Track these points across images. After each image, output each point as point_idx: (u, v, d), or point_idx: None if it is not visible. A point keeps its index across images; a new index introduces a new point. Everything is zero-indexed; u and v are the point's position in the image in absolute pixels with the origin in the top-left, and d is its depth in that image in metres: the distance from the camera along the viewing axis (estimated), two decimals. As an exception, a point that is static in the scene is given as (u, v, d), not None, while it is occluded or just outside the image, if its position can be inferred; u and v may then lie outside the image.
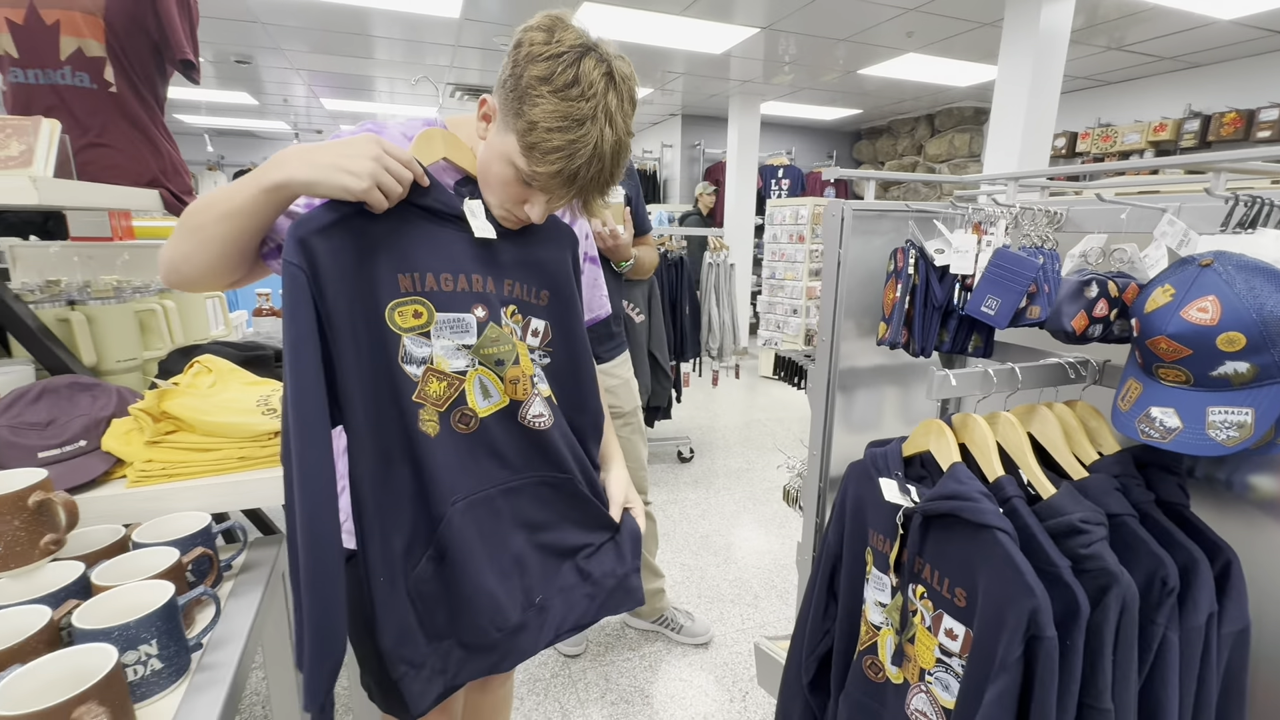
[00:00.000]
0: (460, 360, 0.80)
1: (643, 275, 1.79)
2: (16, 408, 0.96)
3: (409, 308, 0.77)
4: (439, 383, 0.79)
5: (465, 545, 0.81)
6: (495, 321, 0.82)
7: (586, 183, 0.74)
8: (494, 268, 0.83)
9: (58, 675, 0.61)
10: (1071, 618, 0.71)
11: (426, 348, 0.78)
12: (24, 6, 1.17)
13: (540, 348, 0.90)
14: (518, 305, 0.86)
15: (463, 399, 0.81)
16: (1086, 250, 0.85)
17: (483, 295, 0.82)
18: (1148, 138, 5.14)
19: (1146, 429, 0.74)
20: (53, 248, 1.54)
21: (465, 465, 0.81)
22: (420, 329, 0.78)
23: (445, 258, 0.79)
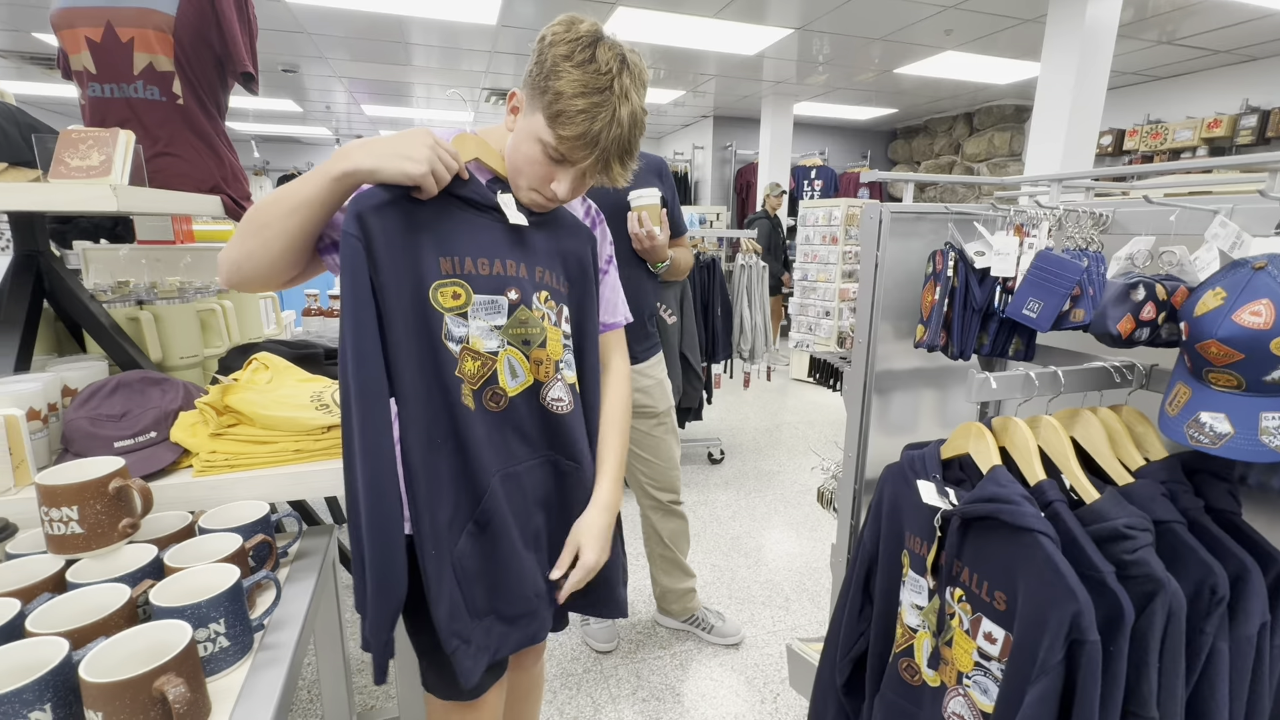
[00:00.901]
0: (492, 341, 0.86)
1: (678, 276, 1.80)
2: (94, 400, 1.02)
3: (449, 289, 0.83)
4: (474, 362, 0.85)
5: (503, 516, 0.87)
6: (526, 305, 0.89)
7: (608, 146, 0.81)
8: (526, 254, 0.89)
9: (138, 648, 0.66)
10: (1115, 624, 0.70)
11: (464, 328, 0.84)
12: (102, 25, 1.25)
13: (569, 334, 0.96)
14: (550, 292, 0.92)
15: (494, 378, 0.87)
16: (1133, 253, 0.84)
17: (516, 279, 0.88)
18: (1201, 134, 4.94)
19: (1196, 434, 0.73)
20: (122, 251, 1.64)
21: (495, 441, 0.88)
22: (459, 309, 0.84)
23: (482, 244, 0.85)
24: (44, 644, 0.63)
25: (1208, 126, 4.89)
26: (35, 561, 0.81)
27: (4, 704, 0.57)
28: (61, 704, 0.61)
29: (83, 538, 0.81)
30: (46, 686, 0.60)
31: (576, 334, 0.97)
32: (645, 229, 1.52)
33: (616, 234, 1.52)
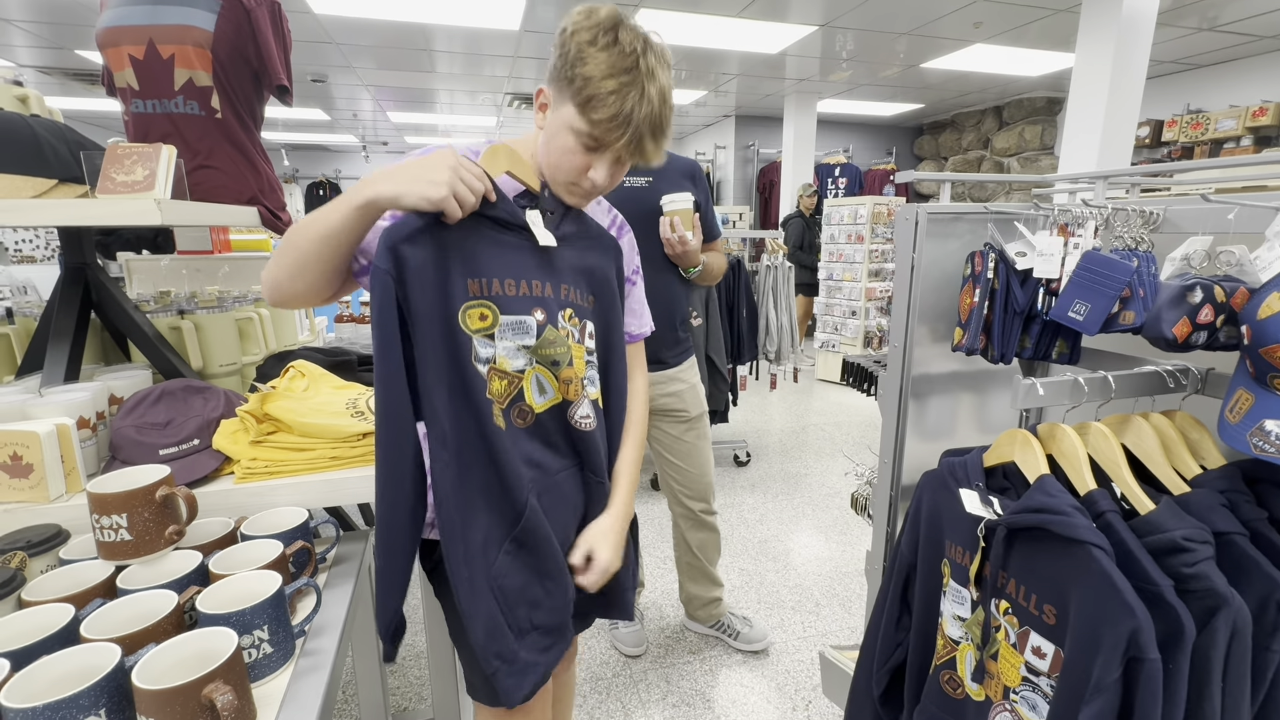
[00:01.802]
0: (520, 360, 0.86)
1: (711, 281, 1.77)
2: (140, 409, 1.05)
3: (476, 310, 0.83)
4: (500, 381, 0.85)
5: (544, 531, 0.88)
6: (553, 324, 0.88)
7: (640, 124, 0.81)
8: (552, 273, 0.89)
9: (186, 654, 0.68)
10: (1174, 640, 0.67)
11: (490, 348, 0.84)
12: (144, 43, 1.29)
13: (592, 350, 0.95)
14: (574, 309, 0.92)
15: (521, 395, 0.87)
16: (1189, 253, 0.80)
17: (541, 299, 0.87)
18: (1245, 123, 4.75)
19: (1260, 443, 0.69)
20: (163, 261, 1.68)
21: (527, 457, 0.88)
22: (486, 330, 0.83)
23: (509, 264, 0.85)
24: (98, 650, 0.65)
25: (1253, 115, 4.70)
26: (87, 567, 0.83)
27: (62, 709, 0.59)
28: (115, 709, 0.62)
29: (132, 544, 0.83)
30: (101, 692, 0.61)
31: (602, 349, 0.97)
32: (678, 234, 1.50)
33: (649, 238, 1.49)
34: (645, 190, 1.60)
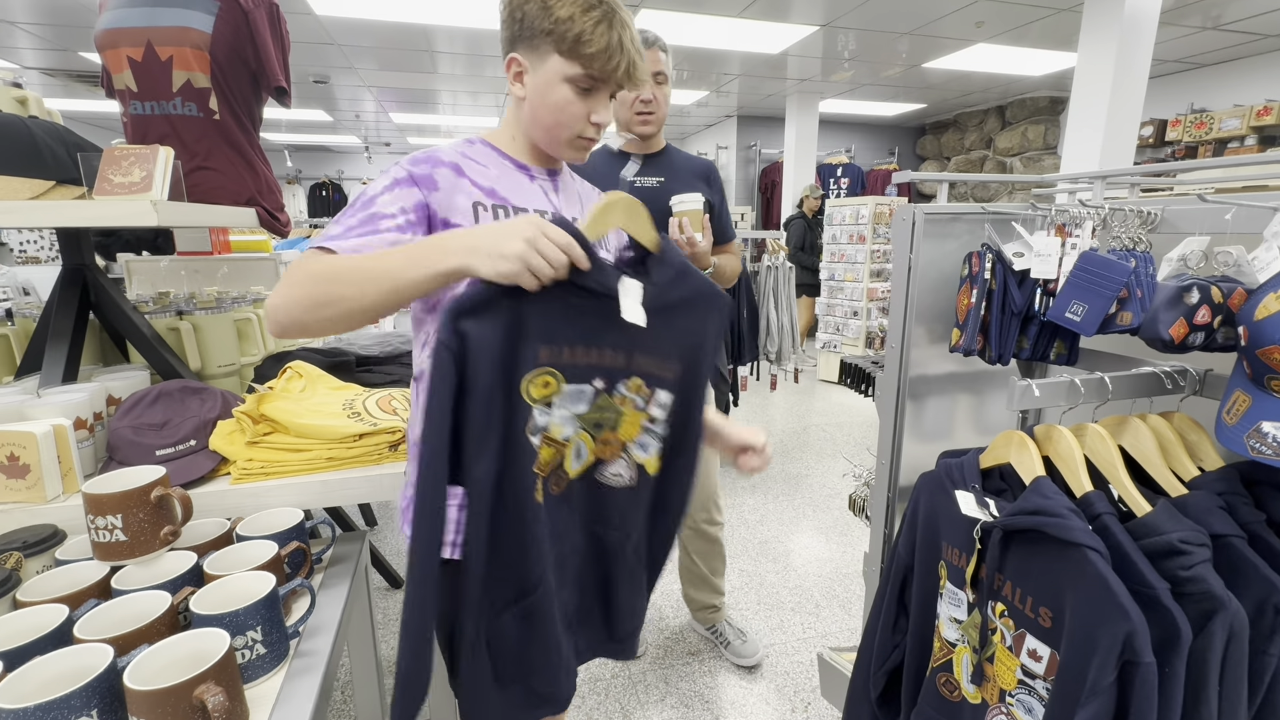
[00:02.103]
0: (569, 428, 0.81)
1: (723, 284, 1.72)
2: (137, 410, 1.06)
3: (541, 378, 0.77)
4: (549, 450, 0.80)
5: (549, 607, 0.82)
6: (608, 392, 0.82)
7: (630, 46, 0.82)
8: (631, 342, 0.81)
9: (179, 655, 0.68)
10: (1171, 644, 0.67)
11: (547, 417, 0.78)
12: (143, 45, 1.29)
13: (665, 420, 0.87)
14: (646, 379, 0.84)
15: (561, 464, 0.82)
16: (1186, 253, 0.80)
17: (608, 369, 0.81)
18: (1249, 122, 4.73)
19: (1257, 445, 0.69)
20: (163, 262, 1.69)
21: (554, 527, 0.82)
22: (546, 399, 0.78)
23: (586, 331, 0.78)
24: (91, 650, 0.65)
25: (1257, 114, 4.68)
26: (82, 568, 0.83)
27: (55, 710, 0.59)
28: (107, 709, 0.62)
29: (127, 545, 0.83)
30: (93, 693, 0.61)
31: (677, 418, 0.87)
32: (686, 235, 1.46)
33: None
34: (656, 190, 1.59)
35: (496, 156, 0.89)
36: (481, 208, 0.83)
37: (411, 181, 0.80)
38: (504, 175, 0.88)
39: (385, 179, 0.80)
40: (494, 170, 0.87)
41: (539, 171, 0.93)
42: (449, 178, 0.82)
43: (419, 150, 0.84)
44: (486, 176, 0.85)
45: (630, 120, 1.58)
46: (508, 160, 0.90)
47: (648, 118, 1.57)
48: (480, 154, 0.88)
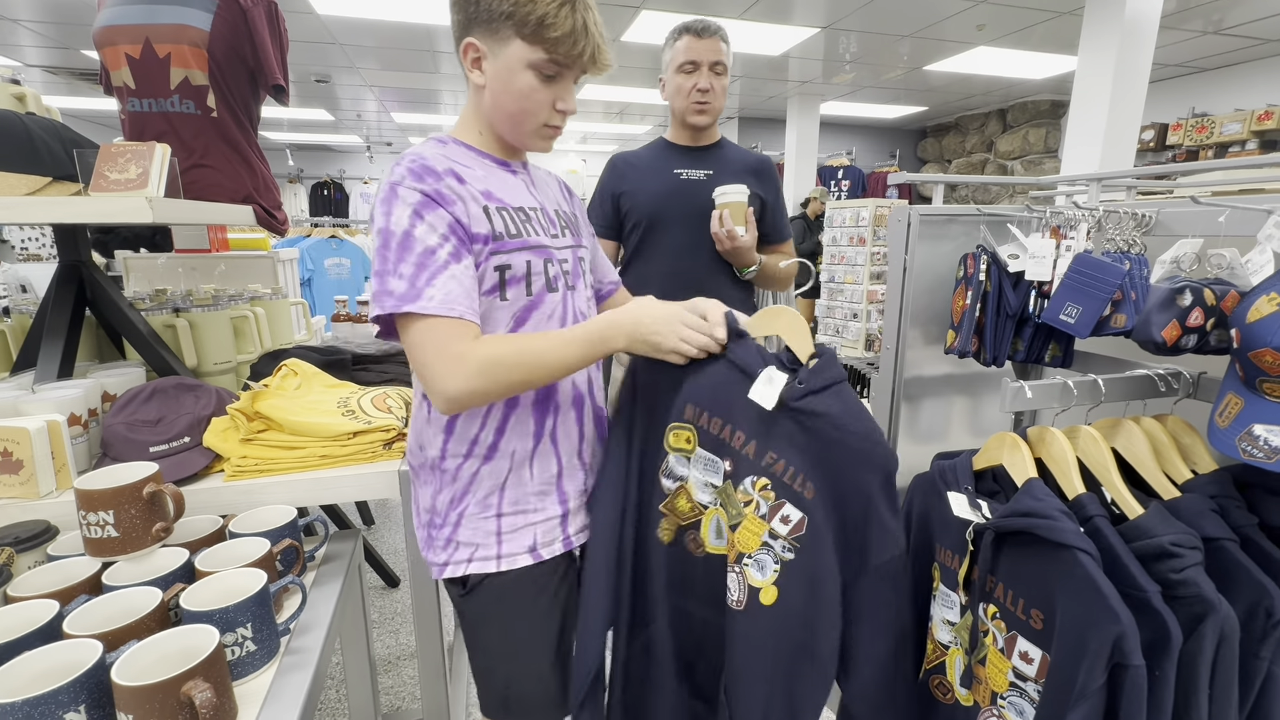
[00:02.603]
0: (706, 495, 0.88)
1: (775, 286, 1.62)
2: (131, 406, 1.06)
3: (683, 433, 0.88)
4: (687, 503, 0.89)
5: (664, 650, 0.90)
6: (734, 481, 0.83)
7: (594, 28, 0.79)
8: (763, 434, 0.82)
9: (168, 651, 0.68)
10: (1161, 647, 0.66)
11: (685, 469, 0.88)
12: (140, 42, 1.30)
13: (787, 539, 0.80)
14: (774, 484, 0.81)
15: (698, 526, 0.89)
16: (1179, 256, 0.80)
17: (737, 453, 0.84)
18: (1250, 127, 4.73)
19: (1249, 448, 0.69)
20: (160, 259, 1.69)
21: (684, 582, 0.90)
22: (685, 452, 0.88)
23: (726, 404, 0.84)
24: (80, 646, 0.65)
25: (1258, 119, 4.68)
26: (74, 564, 0.83)
27: (41, 705, 0.59)
28: (95, 705, 0.62)
29: (118, 541, 0.83)
30: (81, 688, 0.61)
31: (814, 553, 0.79)
32: (725, 228, 1.39)
33: (702, 235, 1.44)
34: (703, 183, 1.50)
35: (474, 155, 0.86)
36: (490, 211, 0.82)
37: (433, 201, 0.77)
38: (490, 174, 0.86)
39: (402, 208, 0.76)
40: (479, 170, 0.85)
41: (516, 165, 0.91)
42: (456, 186, 0.79)
43: (408, 160, 0.79)
44: (477, 178, 0.83)
45: (686, 110, 1.51)
46: (486, 158, 0.87)
47: (703, 108, 1.49)
48: (459, 155, 0.85)
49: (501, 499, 0.87)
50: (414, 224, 0.75)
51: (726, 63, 1.51)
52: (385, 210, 0.76)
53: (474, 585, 0.87)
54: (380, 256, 0.76)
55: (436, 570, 0.89)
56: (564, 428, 0.90)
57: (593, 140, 9.60)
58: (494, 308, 0.82)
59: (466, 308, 0.76)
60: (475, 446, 0.86)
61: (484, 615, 0.89)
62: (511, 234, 0.83)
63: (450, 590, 0.91)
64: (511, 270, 0.82)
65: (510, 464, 0.87)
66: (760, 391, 0.81)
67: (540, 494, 0.89)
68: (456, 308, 0.75)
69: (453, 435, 0.86)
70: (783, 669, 0.81)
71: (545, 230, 0.88)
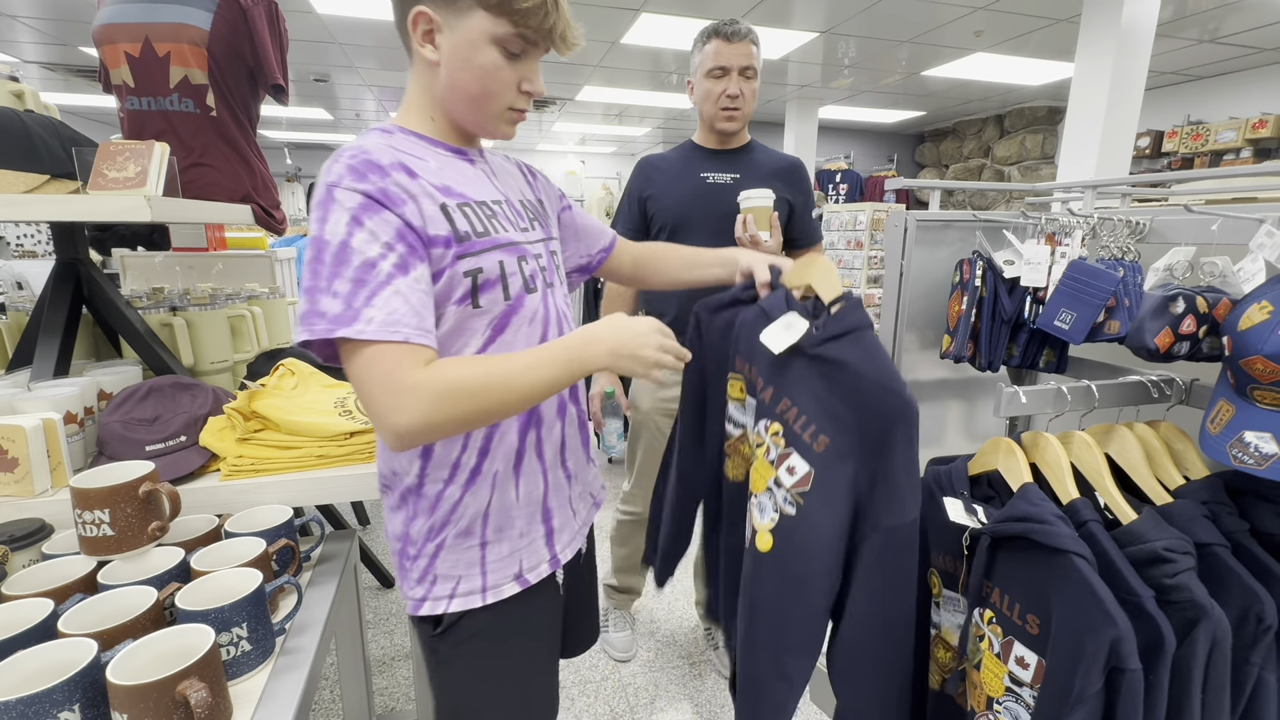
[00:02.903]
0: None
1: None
2: (128, 405, 1.05)
3: (736, 382, 0.93)
4: (749, 447, 0.92)
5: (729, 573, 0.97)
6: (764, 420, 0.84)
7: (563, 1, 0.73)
8: (780, 380, 0.81)
9: (163, 650, 0.68)
10: (1155, 651, 0.67)
11: (744, 416, 0.92)
12: (140, 41, 1.30)
13: (790, 491, 0.77)
14: (784, 429, 0.79)
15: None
16: (1172, 264, 0.80)
17: (758, 396, 0.86)
18: (1245, 135, 4.76)
19: (1240, 454, 0.69)
20: (158, 258, 1.69)
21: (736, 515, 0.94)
22: (739, 401, 0.93)
23: (752, 351, 0.87)
24: (74, 645, 0.65)
25: (1252, 127, 4.72)
26: (69, 562, 0.83)
27: (35, 703, 0.59)
28: (90, 704, 0.62)
29: (114, 540, 0.83)
30: (75, 687, 0.61)
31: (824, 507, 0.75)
32: (749, 233, 1.35)
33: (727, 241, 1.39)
34: (729, 187, 1.48)
35: (426, 145, 0.76)
36: (449, 209, 0.72)
37: (376, 203, 0.66)
38: (446, 165, 0.76)
39: (339, 212, 0.65)
40: (433, 161, 0.75)
41: (474, 153, 0.82)
42: (406, 182, 0.69)
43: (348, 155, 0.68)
44: (432, 170, 0.73)
45: (714, 116, 1.48)
46: (439, 147, 0.78)
47: (733, 113, 1.46)
48: (408, 145, 0.75)
49: (485, 526, 0.79)
50: (352, 231, 0.64)
51: (757, 66, 1.47)
52: (320, 216, 0.66)
53: (451, 622, 0.79)
54: (311, 270, 0.65)
55: (412, 605, 0.80)
56: (548, 440, 0.84)
57: (591, 141, 9.61)
58: (468, 317, 0.73)
59: (415, 328, 0.65)
60: (457, 471, 0.77)
61: (463, 653, 0.80)
62: (478, 232, 0.73)
63: (420, 629, 0.82)
64: (484, 274, 0.73)
65: (494, 486, 0.79)
66: (771, 334, 0.80)
67: (527, 516, 0.82)
68: (401, 329, 0.64)
69: (430, 460, 0.77)
70: (770, 626, 0.80)
71: (514, 224, 0.80)
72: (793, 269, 0.90)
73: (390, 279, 0.65)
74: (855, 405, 0.74)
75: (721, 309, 0.95)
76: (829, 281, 0.82)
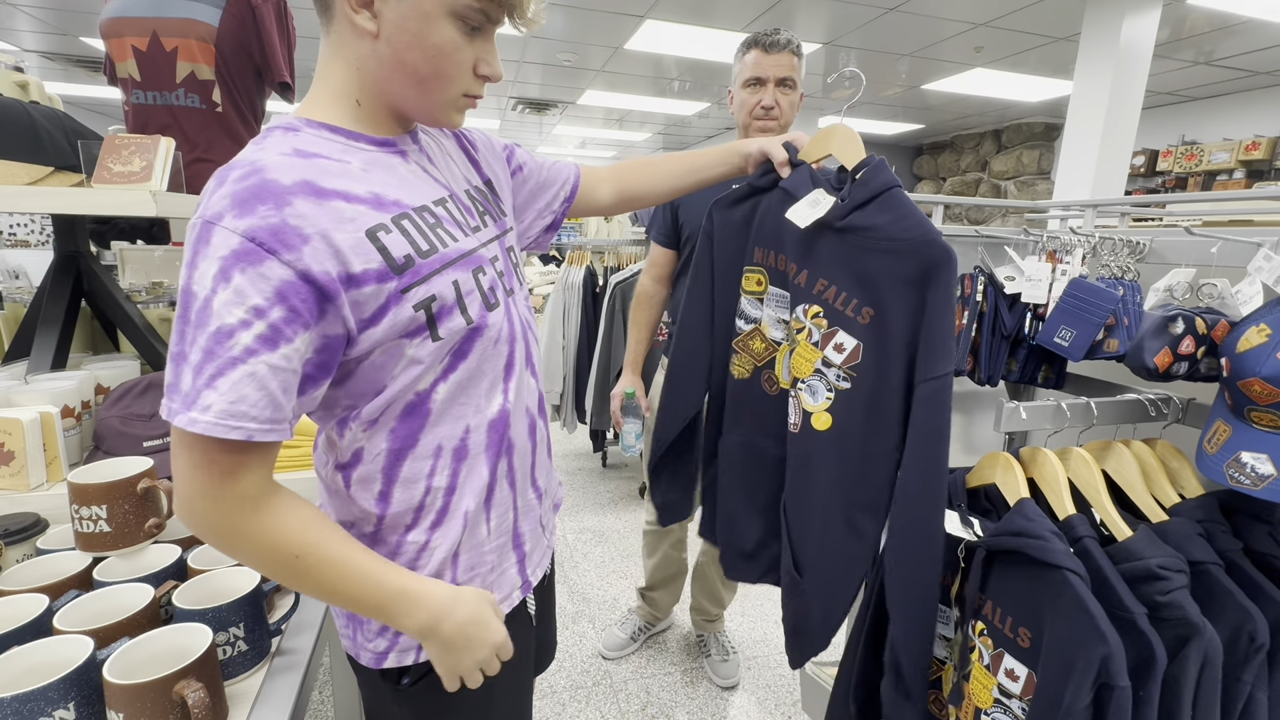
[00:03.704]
0: (779, 332, 0.93)
1: None
2: (126, 400, 1.05)
3: (754, 275, 0.93)
4: (761, 343, 0.95)
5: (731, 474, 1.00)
6: (790, 310, 0.89)
7: None
8: (813, 261, 0.84)
9: (160, 649, 0.67)
10: (1146, 668, 0.68)
11: (759, 310, 0.94)
12: (148, 35, 1.29)
13: (842, 368, 0.80)
14: (825, 309, 0.81)
15: (772, 364, 0.94)
16: (1172, 284, 0.82)
17: (792, 283, 0.87)
18: (1238, 156, 4.83)
19: (1236, 474, 0.70)
20: (157, 252, 1.68)
21: (756, 417, 0.96)
22: (757, 295, 0.94)
23: (779, 237, 0.88)
24: (70, 642, 0.65)
25: (1246, 149, 4.78)
26: (64, 558, 0.82)
27: (31, 701, 0.58)
28: (85, 703, 0.62)
29: (110, 536, 0.82)
30: (71, 685, 0.61)
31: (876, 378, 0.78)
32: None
33: None
34: None
35: (344, 142, 0.62)
36: (384, 230, 0.58)
37: (258, 250, 0.51)
38: (373, 166, 0.62)
39: (208, 261, 0.51)
40: (355, 163, 0.60)
41: (403, 142, 0.67)
42: (311, 209, 0.54)
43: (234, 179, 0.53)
44: (354, 178, 0.59)
45: (749, 127, 1.45)
46: (360, 141, 0.63)
47: (767, 124, 1.41)
48: (320, 146, 0.60)
49: (456, 567, 0.70)
50: (215, 288, 0.50)
51: (796, 77, 1.42)
52: (190, 259, 0.52)
53: (422, 673, 0.70)
54: (176, 331, 0.52)
55: (372, 659, 0.70)
56: (519, 465, 0.74)
57: (591, 145, 9.64)
58: (423, 350, 0.61)
59: (262, 422, 0.53)
60: (421, 514, 0.67)
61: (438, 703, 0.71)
62: (423, 251, 0.60)
63: (377, 685, 0.73)
64: (438, 301, 0.61)
65: (464, 524, 0.69)
66: (798, 211, 0.79)
67: (498, 548, 0.74)
68: (246, 424, 0.52)
69: (390, 504, 0.66)
70: (838, 494, 0.84)
71: (464, 226, 0.67)
72: (812, 141, 0.87)
73: (248, 355, 0.51)
74: (894, 269, 0.76)
75: (739, 202, 0.94)
76: (851, 147, 0.82)
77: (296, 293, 0.53)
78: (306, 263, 0.53)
